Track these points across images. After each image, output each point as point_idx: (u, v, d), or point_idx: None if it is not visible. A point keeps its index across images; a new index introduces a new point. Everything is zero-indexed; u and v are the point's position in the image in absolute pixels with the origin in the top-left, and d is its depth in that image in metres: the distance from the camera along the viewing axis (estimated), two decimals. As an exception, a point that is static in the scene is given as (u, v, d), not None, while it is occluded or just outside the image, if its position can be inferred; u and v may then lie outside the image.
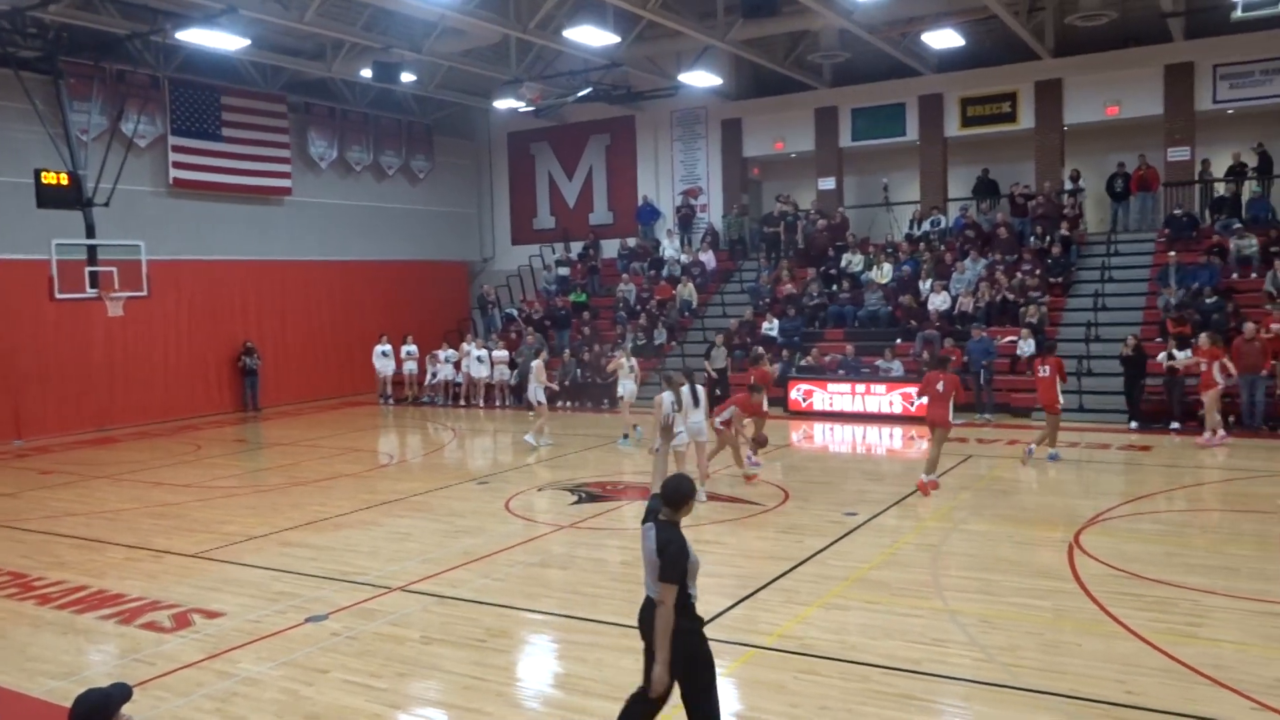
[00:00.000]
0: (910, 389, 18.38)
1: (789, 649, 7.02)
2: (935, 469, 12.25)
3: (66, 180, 16.84)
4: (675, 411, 11.67)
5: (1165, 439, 15.65)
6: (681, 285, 24.48)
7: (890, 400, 18.68)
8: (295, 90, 24.27)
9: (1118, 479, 13.21)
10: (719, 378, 19.48)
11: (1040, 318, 19.30)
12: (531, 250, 28.52)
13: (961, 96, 23.50)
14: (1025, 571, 8.81)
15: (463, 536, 10.74)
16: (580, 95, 22.97)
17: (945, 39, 19.84)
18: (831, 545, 9.86)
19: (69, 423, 19.76)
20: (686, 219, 26.62)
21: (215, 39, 18.09)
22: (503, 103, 24.10)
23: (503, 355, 23.11)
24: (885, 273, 22.28)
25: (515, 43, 21.73)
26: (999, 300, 20.17)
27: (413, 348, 24.17)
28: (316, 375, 24.69)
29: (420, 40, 20.42)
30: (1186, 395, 16.31)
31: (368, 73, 21.48)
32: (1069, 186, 22.37)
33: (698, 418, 12.07)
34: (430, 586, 8.86)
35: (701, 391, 12.28)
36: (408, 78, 22.25)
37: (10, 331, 18.95)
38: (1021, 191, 22.63)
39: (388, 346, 24.00)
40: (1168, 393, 16.53)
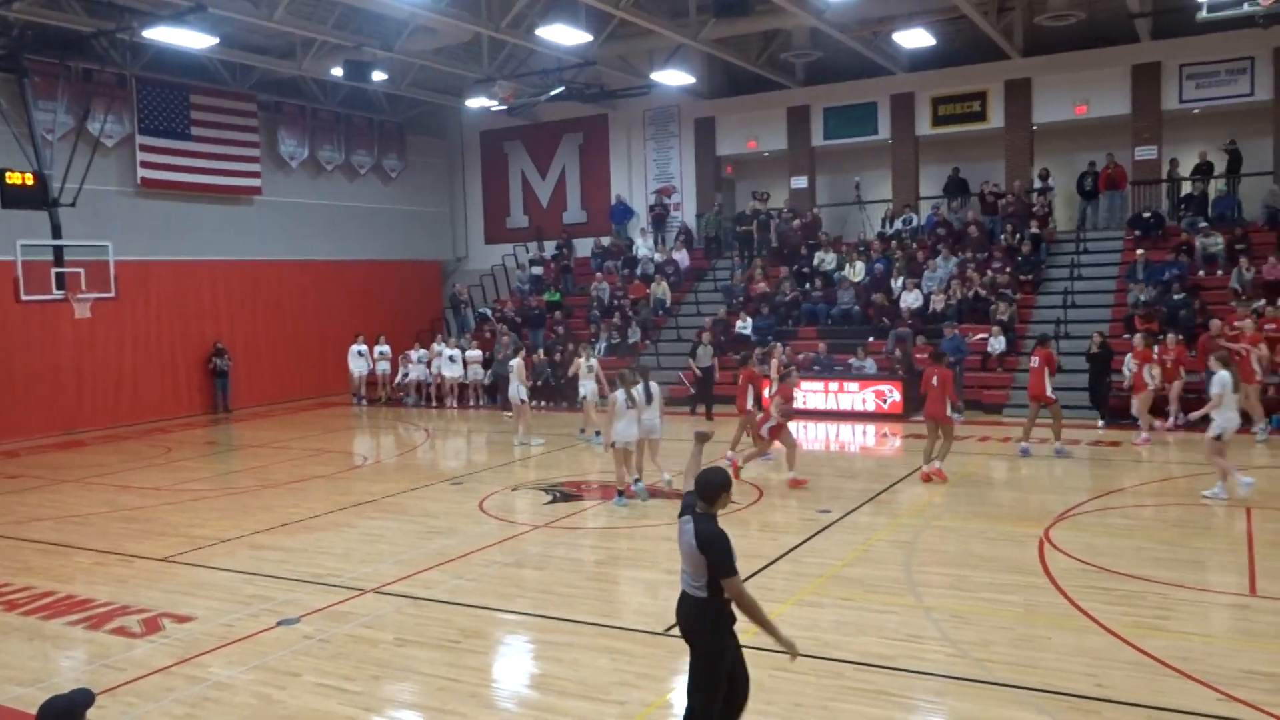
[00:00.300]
0: (883, 386, 18.55)
1: (764, 646, 7.02)
2: (929, 459, 12.72)
3: (32, 180, 16.55)
4: (629, 409, 11.71)
5: (1133, 434, 15.83)
6: (655, 284, 24.47)
7: (863, 398, 18.78)
8: (265, 89, 24.03)
9: (1087, 475, 13.35)
10: (704, 375, 19.51)
11: (1011, 315, 19.49)
12: (505, 249, 28.42)
13: (933, 96, 23.68)
14: (997, 567, 8.89)
15: (436, 537, 10.69)
16: (553, 94, 22.88)
17: (916, 38, 19.96)
18: (805, 542, 9.91)
19: (36, 426, 19.46)
20: (660, 218, 26.63)
21: (183, 37, 17.86)
22: (475, 101, 23.99)
23: (476, 355, 23.04)
24: (858, 271, 22.41)
25: (487, 41, 21.64)
26: (970, 297, 20.35)
27: (385, 348, 24.04)
28: (288, 376, 24.47)
29: (392, 39, 20.29)
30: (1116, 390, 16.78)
31: (339, 71, 21.30)
32: (1038, 185, 22.60)
33: (650, 415, 12.11)
34: (404, 588, 8.81)
35: (656, 389, 12.29)
36: (379, 76, 22.09)
37: (-25, 334, 18.66)
38: (992, 190, 22.85)
39: (363, 346, 23.84)
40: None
